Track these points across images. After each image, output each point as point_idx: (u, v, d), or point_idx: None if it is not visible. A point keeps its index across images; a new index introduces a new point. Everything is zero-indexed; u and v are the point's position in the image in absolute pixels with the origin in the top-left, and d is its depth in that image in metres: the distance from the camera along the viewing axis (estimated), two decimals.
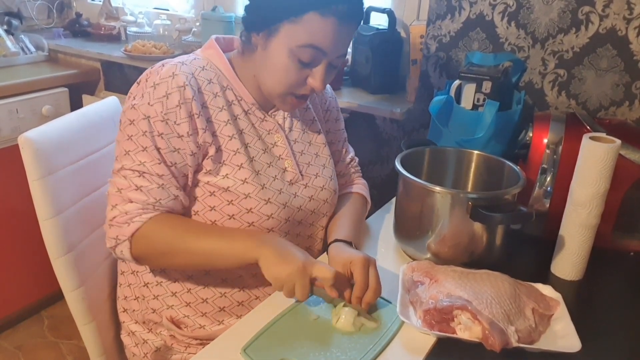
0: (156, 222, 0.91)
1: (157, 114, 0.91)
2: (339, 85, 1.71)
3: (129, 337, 1.12)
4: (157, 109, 0.91)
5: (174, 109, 0.91)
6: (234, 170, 0.97)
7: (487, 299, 0.85)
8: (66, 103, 2.06)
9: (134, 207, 0.91)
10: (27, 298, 2.10)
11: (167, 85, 0.92)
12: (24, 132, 1.02)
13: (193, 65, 0.97)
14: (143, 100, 0.92)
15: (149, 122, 0.91)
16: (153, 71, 0.95)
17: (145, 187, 0.91)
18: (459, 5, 1.50)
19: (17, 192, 1.44)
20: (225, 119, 0.97)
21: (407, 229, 1.07)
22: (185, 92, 0.92)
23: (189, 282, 1.03)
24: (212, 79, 0.98)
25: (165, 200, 0.93)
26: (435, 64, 1.59)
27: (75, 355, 1.97)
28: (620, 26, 1.33)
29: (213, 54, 1.01)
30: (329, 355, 0.80)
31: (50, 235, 1.04)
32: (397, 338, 0.85)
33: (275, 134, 1.04)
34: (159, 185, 0.92)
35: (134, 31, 2.15)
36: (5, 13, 2.22)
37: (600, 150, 0.94)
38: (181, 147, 0.93)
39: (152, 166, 0.91)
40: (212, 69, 0.99)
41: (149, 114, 0.91)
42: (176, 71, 0.93)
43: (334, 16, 0.89)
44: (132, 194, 0.91)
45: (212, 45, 1.02)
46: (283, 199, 1.00)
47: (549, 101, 1.46)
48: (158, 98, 0.91)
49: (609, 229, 1.09)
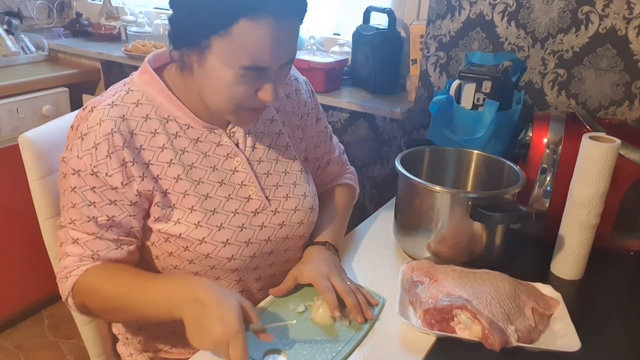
0: (93, 275, 0.86)
1: (87, 167, 0.84)
2: (339, 85, 1.71)
3: (124, 346, 1.10)
4: (86, 162, 0.84)
5: (104, 160, 0.84)
6: (185, 214, 0.89)
7: (487, 298, 0.85)
8: (66, 103, 2.06)
9: (71, 261, 0.87)
10: (27, 298, 2.10)
11: (94, 135, 0.84)
12: (24, 132, 1.02)
13: (125, 104, 0.88)
14: (72, 154, 0.85)
15: (79, 176, 0.85)
16: (82, 117, 0.87)
17: (81, 240, 0.87)
18: (459, 5, 1.50)
19: (17, 192, 1.43)
20: (168, 158, 0.88)
21: (407, 229, 1.07)
22: (114, 139, 0.84)
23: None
24: (148, 114, 0.88)
25: (105, 251, 0.87)
26: (435, 63, 1.59)
27: (76, 354, 1.97)
28: (620, 26, 1.33)
29: (148, 81, 0.90)
30: (315, 344, 0.81)
31: (50, 235, 1.04)
32: (397, 338, 0.85)
33: (235, 157, 0.94)
34: (95, 236, 0.87)
35: (134, 31, 2.15)
36: (6, 13, 2.21)
37: (600, 150, 0.94)
38: (117, 198, 0.86)
39: (81, 224, 0.86)
40: (148, 102, 0.89)
41: (78, 168, 0.84)
42: (103, 117, 0.85)
43: (269, 16, 0.76)
44: (69, 247, 0.87)
45: (145, 70, 0.91)
46: (245, 236, 0.92)
47: (549, 101, 1.46)
48: (87, 150, 0.84)
49: (608, 229, 1.09)
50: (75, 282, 0.87)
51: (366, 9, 1.67)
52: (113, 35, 2.25)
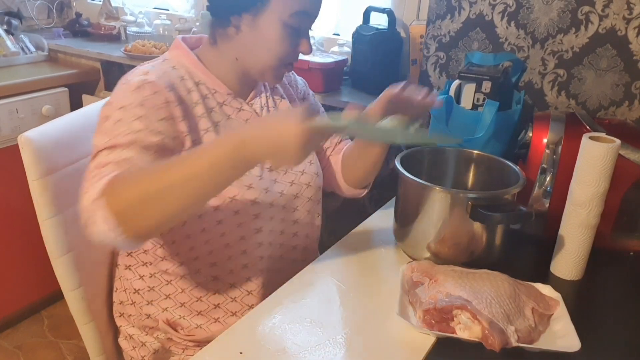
0: (128, 171, 0.80)
1: (133, 101, 0.88)
2: (339, 85, 1.71)
3: (127, 341, 1.12)
4: (132, 99, 0.88)
5: (151, 96, 0.89)
6: None
7: (487, 298, 0.85)
8: (66, 103, 2.06)
9: (107, 169, 0.79)
10: (27, 298, 2.10)
11: (140, 81, 0.90)
12: (23, 132, 1.02)
13: (163, 67, 0.97)
14: (116, 96, 0.90)
15: (125, 110, 0.87)
16: (124, 76, 0.94)
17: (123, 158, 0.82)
18: (459, 5, 1.50)
19: (17, 192, 1.44)
20: (200, 112, 0.97)
21: (407, 229, 1.07)
22: (160, 84, 0.91)
23: (182, 282, 1.03)
24: (183, 77, 0.98)
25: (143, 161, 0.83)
26: (435, 64, 1.59)
27: (75, 355, 1.97)
28: (620, 26, 1.33)
29: (180, 54, 1.01)
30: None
31: (50, 235, 1.04)
32: (397, 338, 0.85)
33: None
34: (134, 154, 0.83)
35: (134, 31, 2.15)
36: (5, 13, 2.22)
37: (600, 150, 0.94)
38: (161, 129, 0.88)
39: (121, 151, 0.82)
40: (182, 68, 0.99)
41: (124, 104, 0.87)
42: (148, 70, 0.93)
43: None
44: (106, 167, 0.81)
45: (178, 45, 1.03)
46: (264, 184, 1.01)
47: (549, 101, 1.46)
48: (132, 91, 0.89)
49: (608, 229, 1.09)
50: (110, 179, 0.76)
51: (366, 9, 1.67)
52: (113, 35, 2.26)
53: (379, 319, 0.89)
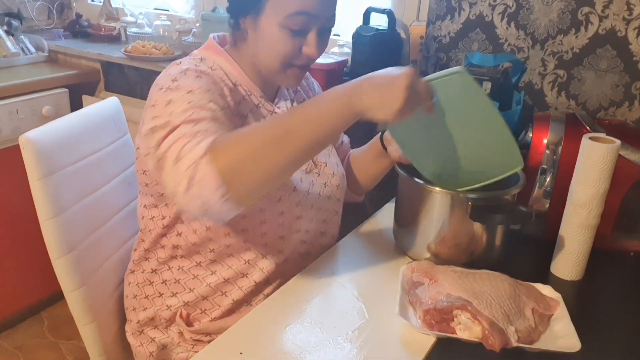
0: (229, 132, 0.81)
1: (200, 86, 0.88)
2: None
3: (134, 336, 1.12)
4: (200, 83, 0.89)
5: (211, 85, 0.91)
6: None
7: (487, 299, 0.85)
8: (66, 104, 2.06)
9: (200, 135, 0.78)
10: (27, 298, 2.10)
11: (195, 71, 0.91)
12: (24, 133, 1.02)
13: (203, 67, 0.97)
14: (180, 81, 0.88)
15: (193, 93, 0.86)
16: (172, 66, 0.95)
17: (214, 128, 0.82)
18: (459, 6, 1.50)
19: (18, 193, 1.44)
20: (245, 112, 0.99)
21: (407, 230, 1.07)
22: (212, 75, 0.93)
23: (211, 277, 1.04)
24: (222, 77, 0.98)
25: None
26: (435, 64, 1.59)
27: (76, 355, 1.97)
28: (620, 27, 1.33)
29: (215, 54, 1.01)
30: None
31: (50, 235, 1.04)
32: (397, 338, 0.85)
33: None
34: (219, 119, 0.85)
35: (134, 32, 2.15)
36: (5, 14, 2.22)
37: (600, 150, 0.94)
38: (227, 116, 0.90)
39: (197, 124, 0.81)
40: (219, 68, 0.99)
41: (192, 88, 0.87)
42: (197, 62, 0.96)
43: None
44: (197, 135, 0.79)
45: (212, 45, 1.02)
46: (306, 183, 1.04)
47: (549, 102, 1.47)
48: (194, 78, 0.90)
49: (608, 229, 1.09)
50: (212, 139, 0.77)
51: (366, 10, 1.67)
52: (113, 36, 2.26)
53: (379, 319, 0.89)
